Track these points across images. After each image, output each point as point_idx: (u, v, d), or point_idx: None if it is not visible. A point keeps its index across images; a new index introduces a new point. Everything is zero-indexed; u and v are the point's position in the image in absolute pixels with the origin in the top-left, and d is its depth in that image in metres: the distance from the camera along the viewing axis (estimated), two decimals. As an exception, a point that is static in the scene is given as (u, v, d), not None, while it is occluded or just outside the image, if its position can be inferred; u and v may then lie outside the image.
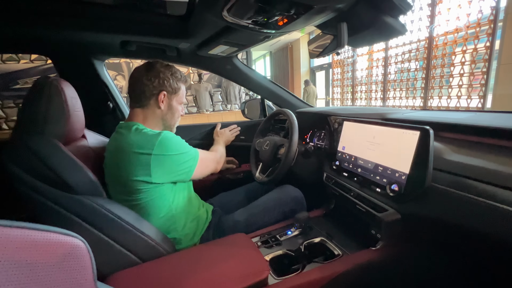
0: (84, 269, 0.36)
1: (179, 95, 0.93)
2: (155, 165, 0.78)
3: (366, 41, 0.77)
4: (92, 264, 0.37)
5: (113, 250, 0.69)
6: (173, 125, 0.96)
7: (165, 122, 0.93)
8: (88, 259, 0.37)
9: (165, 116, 0.91)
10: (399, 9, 0.59)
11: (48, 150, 0.66)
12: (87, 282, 0.36)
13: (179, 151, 0.84)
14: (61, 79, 0.74)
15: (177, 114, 0.94)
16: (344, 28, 0.62)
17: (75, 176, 0.67)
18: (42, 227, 0.33)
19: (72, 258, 0.35)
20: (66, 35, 0.91)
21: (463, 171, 0.59)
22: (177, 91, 0.91)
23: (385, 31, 0.69)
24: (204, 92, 5.09)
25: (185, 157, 0.86)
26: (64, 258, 0.34)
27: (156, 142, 0.78)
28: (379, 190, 0.76)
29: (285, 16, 0.62)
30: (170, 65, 0.91)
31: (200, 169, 0.91)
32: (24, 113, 0.70)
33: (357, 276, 0.70)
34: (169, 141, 0.81)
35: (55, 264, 0.33)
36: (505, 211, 0.49)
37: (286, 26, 0.67)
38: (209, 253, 0.74)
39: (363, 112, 1.06)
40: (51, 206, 0.64)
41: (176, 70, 0.92)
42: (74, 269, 0.35)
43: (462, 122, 0.73)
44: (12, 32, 0.86)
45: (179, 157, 0.83)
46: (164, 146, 0.79)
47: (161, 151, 0.78)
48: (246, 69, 1.31)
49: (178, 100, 0.93)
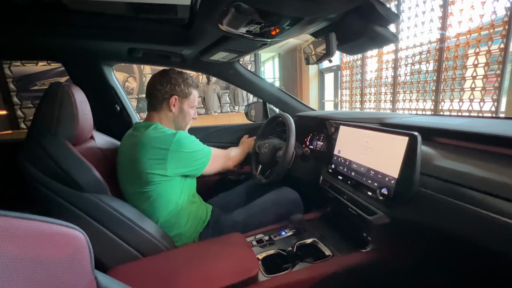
0: (83, 258, 0.40)
1: (190, 99, 1.00)
2: (171, 160, 0.86)
3: (359, 49, 0.79)
4: (91, 254, 0.42)
5: (115, 245, 0.75)
6: (184, 127, 1.03)
7: (177, 124, 1.00)
8: (86, 249, 0.41)
9: (177, 119, 0.99)
10: (386, 19, 0.61)
11: (59, 151, 0.72)
12: (85, 270, 0.41)
13: (193, 148, 0.92)
14: (72, 85, 0.80)
15: (188, 117, 1.01)
16: (333, 38, 0.65)
17: (83, 175, 0.72)
18: (47, 219, 0.38)
19: (72, 248, 0.40)
20: (78, 43, 0.98)
21: (452, 177, 0.60)
22: (188, 95, 0.99)
23: (376, 40, 0.72)
24: (212, 93, 5.18)
25: (199, 155, 0.94)
26: (65, 247, 0.39)
27: (174, 140, 0.87)
28: (371, 193, 0.78)
29: (277, 27, 0.65)
30: (182, 72, 0.99)
31: (211, 165, 0.99)
32: (39, 115, 0.76)
33: (346, 277, 0.72)
34: (184, 139, 0.89)
35: (57, 253, 0.37)
36: (493, 219, 0.49)
37: (279, 35, 0.70)
38: (205, 250, 0.78)
39: (361, 116, 1.07)
40: (60, 202, 0.70)
41: (188, 76, 0.99)
42: (73, 258, 0.39)
43: (455, 128, 0.74)
44: (29, 42, 0.94)
45: (193, 154, 0.92)
46: (180, 143, 0.88)
47: (177, 148, 0.87)
48: (248, 74, 1.35)
49: (190, 104, 1.00)
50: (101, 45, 1.00)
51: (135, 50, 1.06)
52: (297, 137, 1.30)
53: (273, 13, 0.56)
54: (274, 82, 8.68)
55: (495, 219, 0.49)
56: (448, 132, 0.75)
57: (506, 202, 0.49)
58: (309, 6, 0.54)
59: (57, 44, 0.98)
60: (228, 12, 0.57)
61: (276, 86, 1.45)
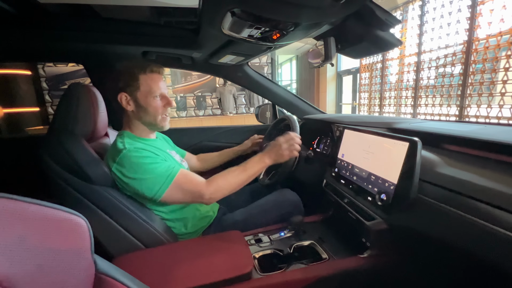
0: (83, 243, 0.45)
1: (142, 89, 0.83)
2: (118, 183, 0.80)
3: (362, 53, 0.79)
4: (91, 240, 0.46)
5: (120, 235, 0.80)
6: (154, 123, 0.88)
7: (144, 122, 0.88)
8: (87, 235, 0.46)
9: (139, 116, 0.87)
10: (386, 24, 0.61)
11: (75, 146, 0.79)
12: (85, 253, 0.45)
13: (135, 174, 0.77)
14: (89, 85, 0.87)
15: (151, 109, 0.85)
16: (331, 42, 0.66)
17: (93, 169, 0.78)
18: (54, 206, 0.42)
19: (75, 232, 0.44)
20: (97, 47, 1.06)
21: (455, 185, 0.59)
22: (137, 86, 0.83)
23: (379, 44, 0.71)
24: (228, 95, 5.27)
25: (143, 184, 0.77)
26: (68, 231, 0.43)
27: (117, 159, 0.77)
28: (370, 199, 0.77)
29: (277, 31, 0.67)
30: (126, 63, 0.84)
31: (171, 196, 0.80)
32: (58, 113, 0.83)
33: (340, 280, 0.72)
34: (124, 160, 0.77)
35: (60, 235, 0.42)
36: (494, 231, 0.47)
37: (281, 39, 0.72)
38: (204, 245, 0.81)
39: (369, 120, 1.06)
40: (73, 193, 0.76)
41: (130, 65, 0.84)
42: (75, 241, 0.44)
43: (461, 134, 0.71)
44: (55, 46, 1.03)
45: (135, 182, 0.77)
46: (121, 165, 0.77)
47: (119, 169, 0.77)
48: (257, 76, 1.37)
49: (144, 94, 0.83)
50: (117, 48, 1.07)
51: (149, 53, 1.12)
52: (304, 139, 1.30)
53: (270, 19, 0.58)
54: (291, 84, 8.64)
55: (496, 231, 0.47)
56: (454, 139, 0.73)
57: (509, 214, 0.47)
58: (305, 12, 0.55)
59: (78, 47, 1.07)
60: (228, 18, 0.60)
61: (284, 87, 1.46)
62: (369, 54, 0.80)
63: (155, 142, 0.95)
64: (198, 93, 5.37)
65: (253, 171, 0.89)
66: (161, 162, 0.81)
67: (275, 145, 0.92)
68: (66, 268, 0.42)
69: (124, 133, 0.88)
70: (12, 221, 0.36)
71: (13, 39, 0.92)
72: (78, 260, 0.44)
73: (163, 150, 0.94)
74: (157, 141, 0.97)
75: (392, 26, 0.62)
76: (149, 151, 0.82)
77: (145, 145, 0.85)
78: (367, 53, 0.79)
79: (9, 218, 0.36)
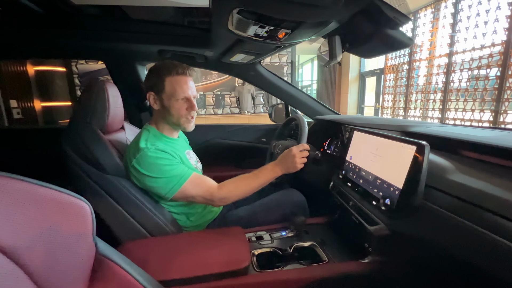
0: (86, 225, 0.48)
1: (167, 91, 0.86)
2: (133, 177, 0.85)
3: (373, 52, 0.76)
4: (93, 223, 0.49)
5: (128, 223, 0.84)
6: (177, 124, 0.92)
7: (168, 122, 0.92)
8: (90, 218, 0.49)
9: (164, 116, 0.91)
10: (395, 22, 0.59)
11: (91, 137, 0.85)
12: (87, 235, 0.49)
13: (151, 173, 0.82)
14: (107, 81, 0.93)
15: (174, 111, 0.88)
16: (336, 41, 0.64)
17: (106, 159, 0.83)
18: (61, 190, 0.46)
19: (78, 215, 0.48)
20: (117, 45, 1.13)
21: (465, 194, 0.55)
22: (162, 88, 0.86)
23: (389, 43, 0.69)
24: (247, 94, 5.31)
25: (158, 182, 0.83)
26: (72, 214, 0.47)
27: (137, 155, 0.82)
28: (375, 203, 0.74)
29: (282, 30, 0.67)
30: (159, 63, 0.89)
31: (182, 197, 0.85)
32: (78, 106, 0.90)
33: (337, 284, 0.71)
34: (144, 159, 0.81)
35: (65, 217, 0.46)
36: (504, 245, 0.43)
37: (287, 38, 0.72)
38: (205, 238, 0.83)
39: (382, 122, 1.02)
40: (87, 180, 0.82)
41: (162, 66, 0.87)
42: (78, 223, 0.47)
43: (480, 140, 0.67)
44: (78, 44, 1.11)
45: (150, 180, 0.83)
46: (139, 162, 0.82)
47: (137, 166, 0.82)
48: (270, 75, 1.38)
49: (168, 97, 0.87)
50: (135, 47, 1.14)
51: (164, 51, 1.17)
52: (316, 140, 1.28)
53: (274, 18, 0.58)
54: (312, 85, 8.50)
55: (505, 245, 0.43)
56: (471, 145, 0.68)
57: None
58: (307, 10, 0.55)
59: (100, 46, 1.15)
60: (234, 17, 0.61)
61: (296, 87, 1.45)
62: (380, 53, 0.78)
63: (176, 142, 0.99)
64: (217, 92, 5.47)
65: (264, 180, 0.92)
66: (176, 164, 0.86)
67: (289, 156, 0.93)
68: (69, 246, 0.45)
69: (150, 128, 0.93)
70: (21, 200, 0.40)
71: (41, 38, 1.01)
72: (80, 240, 0.47)
73: (182, 151, 0.98)
74: (178, 140, 1.02)
75: (401, 24, 0.59)
76: (167, 152, 0.86)
77: (165, 145, 0.89)
78: (377, 53, 0.76)
79: (19, 197, 0.40)
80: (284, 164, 0.93)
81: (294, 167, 0.92)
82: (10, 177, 0.39)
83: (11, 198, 0.39)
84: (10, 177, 0.39)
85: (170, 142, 0.95)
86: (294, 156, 0.92)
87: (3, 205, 0.38)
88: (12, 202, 0.39)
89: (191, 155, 1.05)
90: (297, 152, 0.92)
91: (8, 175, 0.39)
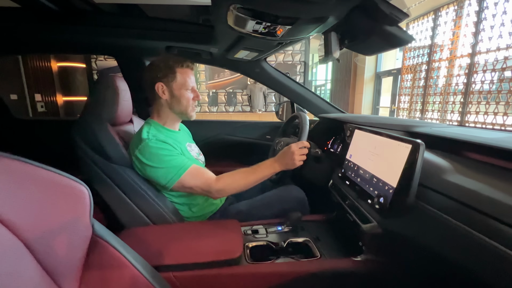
0: (83, 206, 0.52)
1: (178, 81, 0.93)
2: (136, 167, 0.89)
3: (373, 49, 0.75)
4: (91, 206, 0.53)
5: (132, 211, 0.88)
6: (184, 112, 0.97)
7: (175, 111, 0.97)
8: (88, 201, 0.53)
9: (171, 105, 0.96)
10: (392, 18, 0.58)
11: (99, 128, 0.89)
12: (84, 217, 0.52)
13: (152, 162, 0.86)
14: (116, 75, 0.98)
15: (184, 100, 0.94)
16: (332, 38, 0.64)
17: (113, 149, 0.88)
18: (62, 173, 0.50)
19: (77, 198, 0.51)
20: (127, 41, 1.18)
21: (462, 196, 0.53)
22: (173, 78, 0.92)
23: (389, 40, 0.68)
24: (259, 92, 5.32)
25: (158, 172, 0.86)
26: (71, 196, 0.50)
27: (139, 146, 0.86)
28: (370, 201, 0.74)
29: (279, 26, 0.67)
30: (165, 57, 0.95)
31: (181, 187, 0.89)
32: (89, 99, 0.95)
33: (327, 280, 0.71)
34: (145, 149, 0.86)
35: (65, 198, 0.49)
36: (498, 250, 0.42)
37: (286, 34, 0.73)
38: (202, 228, 0.86)
39: (386, 122, 1.00)
40: (95, 168, 0.87)
41: (171, 58, 0.94)
42: (76, 204, 0.51)
43: (483, 142, 0.65)
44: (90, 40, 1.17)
45: (151, 169, 0.87)
46: (141, 152, 0.86)
47: (140, 156, 0.86)
48: (275, 73, 1.38)
49: (178, 86, 0.93)
50: (144, 43, 1.18)
51: (171, 48, 1.21)
52: (319, 138, 1.28)
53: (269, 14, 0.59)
54: (326, 84, 8.37)
55: (502, 251, 0.42)
56: (473, 146, 0.66)
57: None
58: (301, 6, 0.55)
59: (111, 41, 1.20)
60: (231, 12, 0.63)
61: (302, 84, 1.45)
62: (381, 50, 0.76)
63: (177, 134, 1.03)
64: (229, 90, 5.53)
65: (262, 175, 0.93)
66: (176, 155, 0.89)
67: (287, 153, 0.93)
68: (67, 226, 0.49)
69: (151, 121, 0.97)
70: (24, 179, 0.44)
71: (55, 34, 1.07)
72: (77, 221, 0.51)
73: (183, 143, 1.01)
74: (179, 133, 1.05)
75: (399, 21, 0.58)
76: (168, 143, 0.90)
77: (166, 137, 0.93)
78: (378, 50, 0.75)
79: (21, 178, 0.44)
80: (283, 161, 0.94)
81: (293, 163, 0.93)
82: (14, 159, 0.43)
83: (15, 178, 0.43)
84: (14, 159, 0.43)
85: (171, 134, 0.99)
86: (293, 153, 0.92)
87: (7, 183, 0.42)
88: (15, 181, 0.43)
89: (192, 147, 1.09)
90: (296, 149, 0.93)
91: (12, 157, 0.43)
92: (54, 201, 0.48)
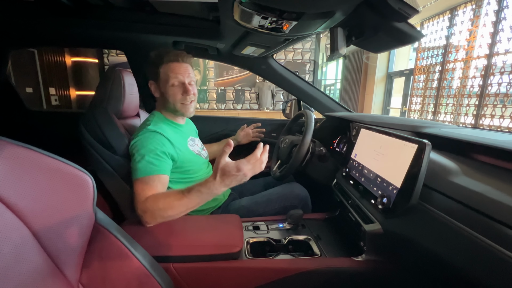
0: (87, 195, 0.53)
1: (161, 78, 0.90)
2: (131, 157, 0.85)
3: (382, 46, 0.73)
4: (94, 195, 0.54)
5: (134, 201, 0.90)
6: (174, 110, 0.94)
7: (168, 108, 0.96)
8: (91, 190, 0.54)
9: (164, 103, 0.95)
10: (401, 14, 0.56)
11: (104, 120, 0.91)
12: (87, 205, 0.53)
13: (136, 152, 0.82)
14: (123, 69, 0.99)
15: (171, 98, 0.91)
16: (338, 33, 0.63)
17: (117, 141, 0.89)
18: (67, 162, 0.51)
19: (81, 186, 0.52)
20: (135, 36, 1.19)
21: (467, 198, 0.52)
22: (158, 75, 0.90)
23: (397, 36, 0.66)
24: (267, 90, 5.31)
25: (135, 163, 0.81)
26: (75, 184, 0.51)
27: (139, 133, 0.86)
28: (373, 201, 0.73)
29: (286, 22, 0.67)
30: (154, 52, 0.91)
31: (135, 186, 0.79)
32: (97, 92, 0.97)
33: (326, 278, 0.70)
34: (141, 134, 0.85)
35: (69, 186, 0.50)
36: (502, 255, 0.40)
37: (293, 30, 0.72)
38: (203, 222, 0.86)
39: (393, 122, 0.98)
40: (100, 160, 0.89)
41: (157, 54, 0.90)
42: (80, 193, 0.52)
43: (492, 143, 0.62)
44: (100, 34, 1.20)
45: (132, 161, 0.83)
46: (139, 140, 0.84)
47: (135, 140, 0.85)
48: (282, 70, 1.37)
49: (163, 84, 0.90)
50: (152, 37, 1.19)
51: (179, 43, 1.22)
52: (325, 137, 1.26)
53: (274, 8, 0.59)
54: (336, 84, 8.27)
55: (508, 257, 0.40)
56: (482, 148, 0.64)
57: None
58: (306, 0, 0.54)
59: (120, 36, 1.22)
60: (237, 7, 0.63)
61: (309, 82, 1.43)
62: (389, 48, 0.74)
63: (181, 126, 1.03)
64: (238, 87, 5.53)
65: (196, 202, 0.74)
66: (154, 157, 0.82)
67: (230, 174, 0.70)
68: (70, 213, 0.50)
69: (155, 113, 0.98)
70: (29, 166, 0.45)
71: (69, 28, 1.10)
72: (80, 209, 0.52)
73: (184, 136, 1.01)
74: (183, 126, 1.06)
75: (408, 16, 0.57)
76: (161, 142, 0.84)
77: (167, 127, 0.93)
78: (386, 47, 0.73)
79: (28, 164, 0.45)
80: (227, 181, 0.71)
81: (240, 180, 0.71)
82: (20, 145, 0.45)
83: (21, 163, 0.44)
84: (20, 145, 0.44)
85: (174, 126, 0.99)
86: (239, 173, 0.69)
87: (13, 168, 0.43)
88: (21, 167, 0.44)
89: (196, 142, 1.09)
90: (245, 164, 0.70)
91: (18, 143, 0.45)
92: (58, 188, 0.49)
